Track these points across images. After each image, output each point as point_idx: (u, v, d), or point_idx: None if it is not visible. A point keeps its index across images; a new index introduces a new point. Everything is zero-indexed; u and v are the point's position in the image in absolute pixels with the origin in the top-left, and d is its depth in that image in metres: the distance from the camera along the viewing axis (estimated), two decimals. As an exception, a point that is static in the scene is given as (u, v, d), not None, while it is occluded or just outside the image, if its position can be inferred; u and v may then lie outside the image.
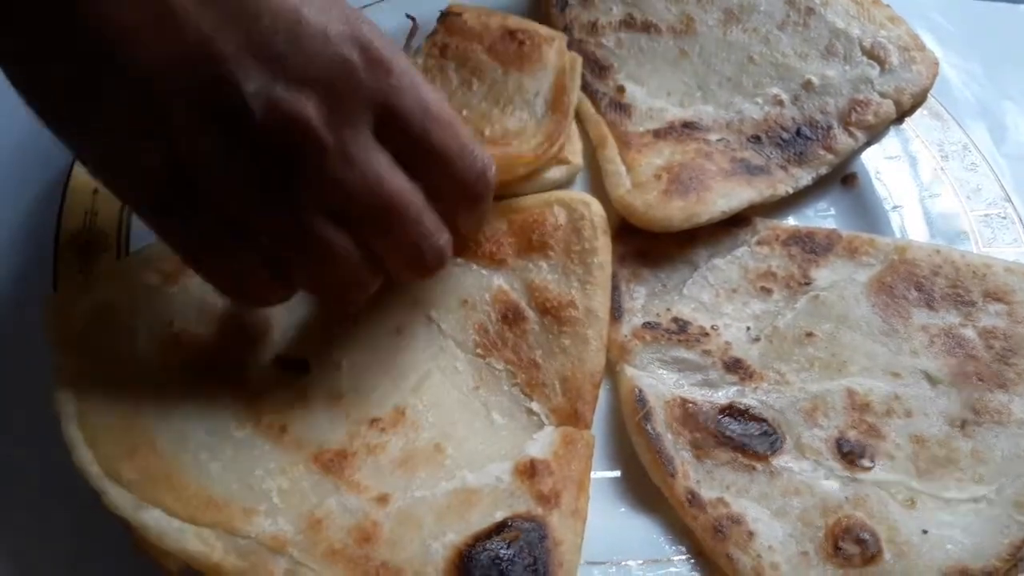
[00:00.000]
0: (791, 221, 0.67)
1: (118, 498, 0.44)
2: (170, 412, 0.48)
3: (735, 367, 0.57)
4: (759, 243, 0.64)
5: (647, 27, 0.75)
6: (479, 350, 0.56)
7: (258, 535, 0.44)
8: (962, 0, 0.85)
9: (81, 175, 0.61)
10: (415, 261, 0.48)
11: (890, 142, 0.71)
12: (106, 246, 0.58)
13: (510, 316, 0.57)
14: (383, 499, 0.46)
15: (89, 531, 0.48)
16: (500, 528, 0.46)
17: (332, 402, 0.51)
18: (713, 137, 0.69)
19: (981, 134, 0.73)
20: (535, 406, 0.54)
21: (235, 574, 0.43)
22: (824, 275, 0.62)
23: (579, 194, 0.62)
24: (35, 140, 0.69)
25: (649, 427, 0.52)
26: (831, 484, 0.51)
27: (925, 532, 0.49)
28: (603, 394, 0.56)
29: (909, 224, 0.67)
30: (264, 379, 0.51)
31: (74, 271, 0.56)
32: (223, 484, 0.46)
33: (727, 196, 0.63)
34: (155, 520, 0.43)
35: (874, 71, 0.72)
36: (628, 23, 0.76)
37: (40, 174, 0.64)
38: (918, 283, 0.61)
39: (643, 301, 0.60)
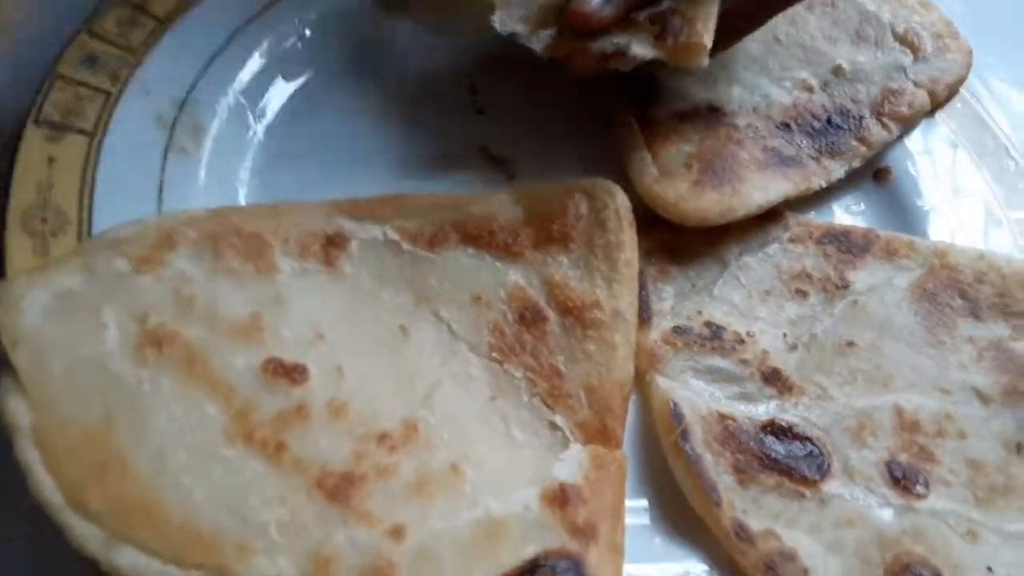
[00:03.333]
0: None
1: (85, 535, 0.37)
2: (145, 424, 0.41)
3: (773, 379, 0.52)
4: (792, 240, 0.59)
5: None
6: (495, 354, 0.50)
7: (255, 577, 0.38)
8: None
9: (34, 139, 0.52)
10: None
11: (922, 135, 0.67)
12: (64, 226, 0.49)
13: (528, 316, 0.51)
14: (398, 532, 0.40)
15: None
16: (533, 567, 0.40)
17: (334, 414, 0.44)
18: (741, 123, 0.63)
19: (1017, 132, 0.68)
20: (559, 420, 0.48)
21: (227, 623, 0.37)
22: (862, 278, 0.57)
23: (602, 181, 0.55)
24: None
25: (688, 447, 0.47)
26: (885, 513, 0.47)
27: (990, 570, 0.45)
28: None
29: (945, 223, 0.63)
30: (256, 386, 0.44)
31: (27, 255, 0.48)
32: (211, 515, 0.39)
33: (763, 189, 0.58)
34: (131, 561, 0.36)
35: (907, 58, 0.68)
36: (645, -6, 0.70)
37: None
38: (962, 290, 0.56)
39: (672, 302, 0.55)
